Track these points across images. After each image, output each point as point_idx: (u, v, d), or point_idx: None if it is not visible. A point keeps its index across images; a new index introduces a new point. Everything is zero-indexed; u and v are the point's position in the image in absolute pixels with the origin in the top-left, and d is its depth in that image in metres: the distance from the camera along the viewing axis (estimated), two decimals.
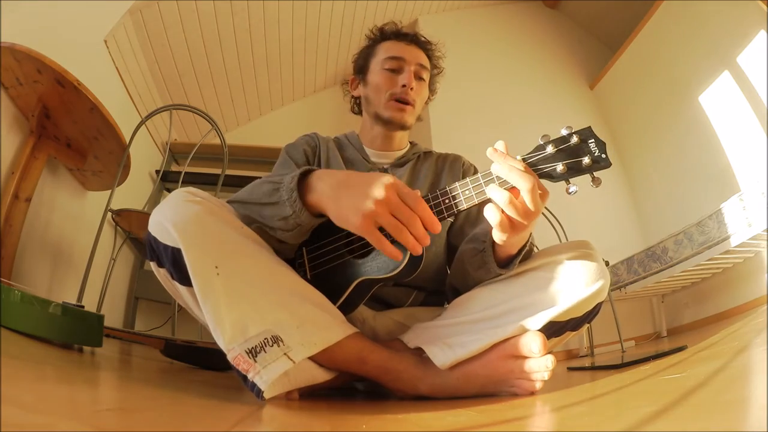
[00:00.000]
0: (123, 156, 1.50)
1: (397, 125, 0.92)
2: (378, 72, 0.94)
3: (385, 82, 0.92)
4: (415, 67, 0.93)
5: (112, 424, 0.33)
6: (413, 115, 0.94)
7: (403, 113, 0.91)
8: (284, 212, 0.61)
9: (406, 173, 0.93)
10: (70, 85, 1.26)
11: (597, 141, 0.56)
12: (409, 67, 0.92)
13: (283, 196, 0.61)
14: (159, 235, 0.59)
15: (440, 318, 0.71)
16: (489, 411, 0.50)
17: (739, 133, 2.32)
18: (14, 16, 1.28)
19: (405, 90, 0.90)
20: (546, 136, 0.58)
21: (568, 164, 0.56)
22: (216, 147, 1.92)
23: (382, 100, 0.92)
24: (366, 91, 0.98)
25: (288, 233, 0.63)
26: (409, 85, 0.90)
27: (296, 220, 0.61)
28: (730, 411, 0.37)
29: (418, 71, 0.94)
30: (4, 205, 1.26)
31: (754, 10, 2.22)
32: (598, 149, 0.55)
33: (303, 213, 0.60)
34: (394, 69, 0.93)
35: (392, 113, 0.91)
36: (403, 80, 0.90)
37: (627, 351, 1.89)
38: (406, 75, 0.91)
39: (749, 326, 1.50)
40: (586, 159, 0.55)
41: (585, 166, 0.55)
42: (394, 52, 0.94)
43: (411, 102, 0.91)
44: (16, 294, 0.76)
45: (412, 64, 0.93)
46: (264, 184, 0.66)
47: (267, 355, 0.53)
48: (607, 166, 0.55)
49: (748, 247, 1.93)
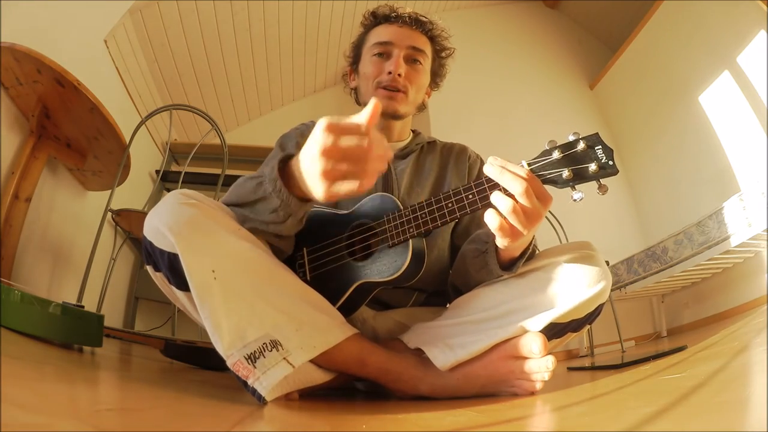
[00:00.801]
0: (123, 156, 1.49)
1: (387, 115, 0.85)
2: (367, 60, 0.88)
3: (373, 69, 0.85)
4: (407, 51, 0.85)
5: (112, 424, 0.33)
6: (406, 103, 0.86)
7: (392, 101, 0.83)
8: (273, 204, 0.59)
9: (410, 165, 0.89)
10: (70, 85, 1.26)
11: (604, 147, 0.55)
12: (399, 52, 0.84)
13: (268, 189, 0.59)
14: (155, 239, 0.58)
15: (441, 318, 0.71)
16: (489, 411, 0.50)
17: (739, 133, 2.32)
18: (14, 16, 1.28)
19: (392, 77, 0.83)
20: (552, 142, 0.57)
21: (574, 170, 0.55)
22: (216, 147, 1.91)
23: (370, 88, 0.86)
24: (358, 81, 0.92)
25: (282, 225, 0.61)
26: (395, 71, 0.82)
27: (286, 210, 0.59)
28: (730, 411, 0.37)
29: (410, 54, 0.86)
30: (4, 205, 1.26)
31: (754, 10, 2.22)
32: (605, 156, 0.54)
33: (291, 200, 0.58)
34: (382, 54, 0.85)
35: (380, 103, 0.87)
36: (389, 66, 0.83)
37: (627, 351, 1.89)
38: (393, 60, 0.83)
39: (749, 326, 1.50)
40: (593, 165, 0.54)
41: (591, 173, 0.54)
42: (382, 36, 0.86)
43: (401, 89, 0.83)
44: (16, 294, 0.76)
45: (402, 47, 0.85)
46: (247, 182, 0.64)
47: (266, 360, 0.53)
48: (614, 173, 0.54)
49: (748, 247, 1.93)
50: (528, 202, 0.53)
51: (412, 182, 0.88)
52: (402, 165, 0.89)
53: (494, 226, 0.55)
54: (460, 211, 0.61)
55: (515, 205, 0.53)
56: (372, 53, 0.87)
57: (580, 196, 0.56)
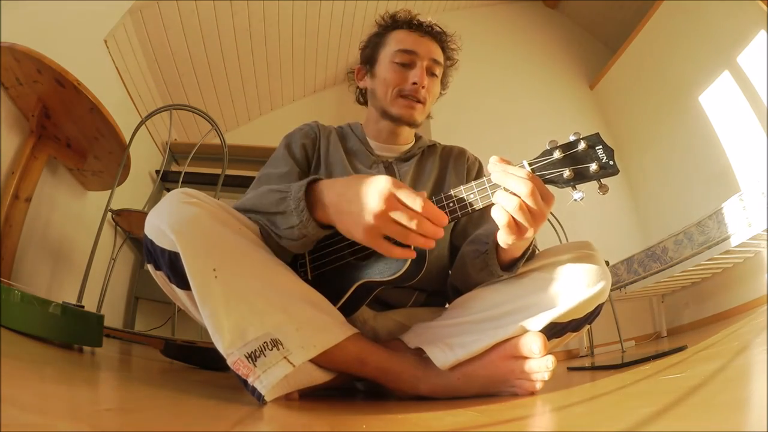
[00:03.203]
0: (123, 156, 1.49)
1: (405, 123, 0.88)
2: (387, 65, 0.88)
3: (395, 77, 0.86)
4: (428, 63, 0.87)
5: (112, 424, 0.33)
6: (423, 113, 0.89)
7: (412, 111, 0.86)
8: (291, 222, 0.60)
9: (411, 169, 0.91)
10: (70, 85, 1.26)
11: (605, 147, 0.55)
12: (421, 63, 0.86)
13: (291, 206, 0.60)
14: (156, 238, 0.58)
15: (441, 318, 0.71)
16: (489, 411, 0.50)
17: (739, 133, 2.32)
18: (14, 16, 1.28)
19: (416, 88, 0.85)
20: (553, 141, 0.57)
21: (575, 170, 0.55)
22: (216, 147, 1.91)
23: (389, 95, 0.87)
24: (373, 83, 0.92)
25: (293, 242, 0.62)
26: (420, 83, 0.84)
27: (302, 231, 0.60)
28: (730, 411, 0.37)
29: (431, 67, 0.88)
30: (4, 205, 1.26)
31: (754, 10, 2.22)
32: (605, 156, 0.55)
33: (310, 223, 0.59)
34: (406, 63, 0.86)
35: (400, 110, 0.86)
36: (414, 77, 0.85)
37: (627, 351, 1.89)
38: (418, 71, 0.85)
39: (749, 326, 1.50)
40: (594, 165, 0.55)
41: (592, 173, 0.55)
42: (406, 44, 0.87)
43: (422, 100, 0.86)
44: (16, 294, 0.76)
45: (426, 59, 0.86)
46: (271, 194, 0.65)
47: (267, 359, 0.53)
48: (615, 173, 0.55)
49: (748, 247, 1.93)
50: (533, 203, 0.53)
51: (415, 184, 0.90)
52: (405, 167, 0.91)
53: (502, 222, 0.55)
54: (461, 210, 0.61)
55: (521, 203, 0.54)
56: (394, 60, 0.87)
57: (581, 196, 0.56)
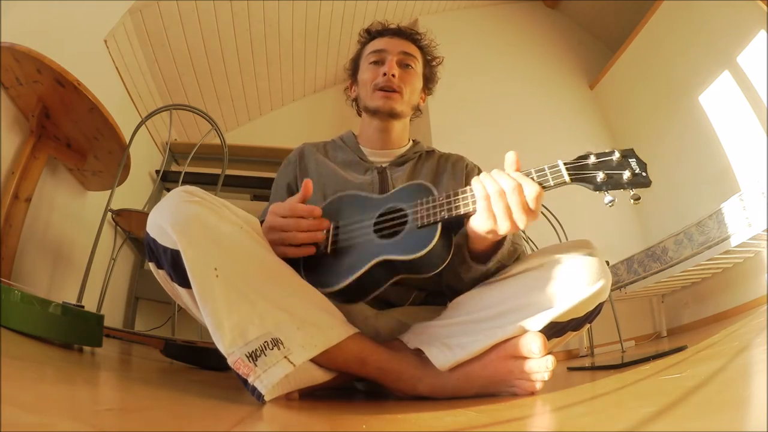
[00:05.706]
0: (123, 156, 1.49)
1: (385, 113, 0.93)
2: (364, 68, 0.97)
3: (370, 75, 0.94)
4: (399, 56, 0.94)
5: (112, 424, 0.33)
6: (402, 102, 0.93)
7: (389, 100, 0.92)
8: None
9: (406, 173, 0.91)
10: (70, 85, 1.26)
11: (638, 160, 0.59)
12: (391, 57, 0.93)
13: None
14: (157, 236, 0.58)
15: (440, 318, 0.71)
16: (489, 411, 0.50)
17: (739, 133, 2.32)
18: (14, 16, 1.28)
19: (387, 78, 0.91)
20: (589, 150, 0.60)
21: (609, 174, 0.58)
22: (216, 147, 1.91)
23: (368, 92, 0.94)
24: (358, 89, 1.00)
25: None
26: (389, 72, 0.91)
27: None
28: (730, 411, 0.37)
29: (402, 59, 0.95)
30: (4, 205, 1.26)
31: (754, 10, 2.22)
32: (639, 167, 0.58)
33: None
34: (378, 61, 0.95)
35: (378, 102, 0.92)
36: (384, 69, 0.92)
37: (627, 351, 1.89)
38: (387, 63, 0.93)
39: (749, 326, 1.50)
40: (627, 173, 0.57)
41: (626, 180, 0.57)
42: (377, 46, 0.96)
43: (396, 89, 0.92)
44: (16, 294, 0.76)
45: (394, 53, 0.94)
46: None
47: (267, 358, 0.53)
48: (647, 184, 0.57)
49: (748, 247, 1.93)
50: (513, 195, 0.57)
51: None
52: (398, 172, 0.91)
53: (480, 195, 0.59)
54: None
55: (501, 190, 0.58)
56: (368, 62, 0.96)
57: (612, 200, 0.58)
